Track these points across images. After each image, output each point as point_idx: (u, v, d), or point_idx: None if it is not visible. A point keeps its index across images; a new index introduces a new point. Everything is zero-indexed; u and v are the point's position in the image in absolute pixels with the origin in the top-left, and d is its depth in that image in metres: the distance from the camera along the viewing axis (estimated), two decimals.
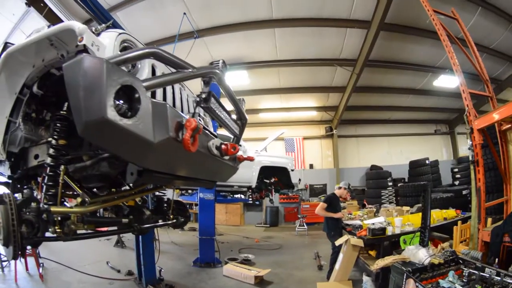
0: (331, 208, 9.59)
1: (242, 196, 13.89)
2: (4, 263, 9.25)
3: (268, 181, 13.14)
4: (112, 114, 2.32)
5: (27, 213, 3.12)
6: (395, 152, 25.27)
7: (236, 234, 18.48)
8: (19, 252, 2.99)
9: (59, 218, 3.33)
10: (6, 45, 4.69)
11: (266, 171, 12.48)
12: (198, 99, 3.67)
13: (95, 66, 2.36)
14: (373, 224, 8.88)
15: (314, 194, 24.50)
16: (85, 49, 2.91)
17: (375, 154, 25.19)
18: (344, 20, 14.59)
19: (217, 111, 3.99)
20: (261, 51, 16.89)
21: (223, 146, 3.99)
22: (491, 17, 14.07)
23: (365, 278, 8.00)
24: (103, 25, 3.24)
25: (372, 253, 9.29)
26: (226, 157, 4.27)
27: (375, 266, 6.94)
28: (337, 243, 8.68)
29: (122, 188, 4.67)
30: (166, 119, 2.90)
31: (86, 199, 3.50)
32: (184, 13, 12.86)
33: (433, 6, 10.31)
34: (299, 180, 14.10)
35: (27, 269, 9.18)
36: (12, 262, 9.27)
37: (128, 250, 13.05)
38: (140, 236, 8.68)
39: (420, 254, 6.28)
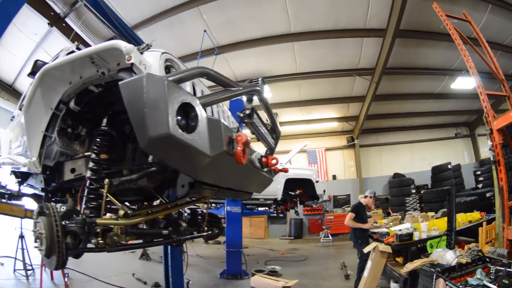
0: (358, 218, 9.59)
1: (267, 209, 13.95)
2: (29, 272, 9.32)
3: (293, 193, 13.20)
4: (175, 129, 2.47)
5: (72, 225, 3.25)
6: (417, 159, 24.90)
7: (261, 247, 18.45)
8: (62, 263, 3.08)
9: (98, 230, 3.38)
10: (36, 62, 4.94)
11: (291, 184, 12.53)
12: (242, 114, 3.88)
13: (158, 84, 2.53)
14: (400, 230, 8.88)
15: (338, 205, 24.33)
16: (128, 68, 3.12)
17: (398, 162, 24.93)
18: (360, 30, 14.75)
19: (258, 126, 4.17)
20: (281, 65, 17.14)
21: (263, 159, 4.13)
22: (502, 13, 13.96)
23: (393, 285, 8.03)
24: (144, 44, 3.39)
25: (399, 259, 9.24)
26: (265, 169, 4.39)
27: (405, 269, 6.98)
28: (366, 250, 8.68)
29: (154, 202, 4.82)
30: (220, 134, 3.06)
31: (129, 211, 3.61)
32: (205, 31, 13.10)
33: (445, 8, 10.45)
34: (324, 191, 14.13)
35: (52, 278, 9.26)
36: (37, 270, 9.46)
37: (153, 263, 13.23)
38: (169, 249, 8.78)
39: (448, 256, 6.31)
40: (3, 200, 5.82)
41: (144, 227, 4.62)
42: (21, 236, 9.44)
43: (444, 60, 17.02)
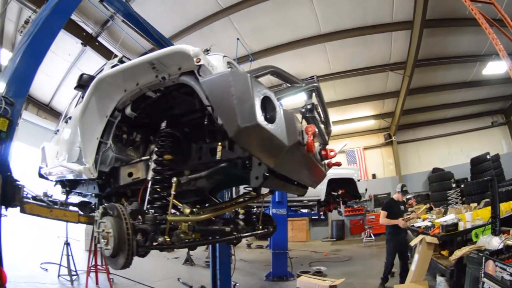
0: (391, 214, 9.61)
1: (311, 210, 14.04)
2: (74, 277, 9.52)
3: (335, 193, 13.29)
4: (261, 120, 2.75)
5: (140, 223, 3.40)
6: (455, 152, 24.36)
7: (304, 250, 18.41)
8: (129, 261, 3.23)
9: (164, 228, 3.50)
10: (82, 76, 5.15)
11: (333, 184, 12.67)
12: (303, 109, 4.12)
13: (243, 79, 2.82)
14: (445, 221, 8.83)
15: (378, 204, 23.84)
16: (190, 72, 3.30)
17: (436, 156, 24.46)
18: (388, 24, 14.71)
19: (317, 121, 4.34)
20: (315, 66, 17.19)
21: (323, 152, 4.33)
22: None
23: (438, 278, 7.94)
24: (204, 48, 3.50)
25: (445, 253, 9.14)
26: (323, 162, 4.55)
27: (453, 256, 6.92)
28: (412, 243, 8.67)
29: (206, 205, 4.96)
30: (294, 125, 3.29)
31: (194, 209, 3.72)
32: (238, 38, 13.33)
33: None
34: (366, 189, 14.13)
35: (97, 283, 9.45)
36: (83, 275, 9.71)
37: (197, 268, 13.43)
38: (217, 252, 8.92)
39: (494, 242, 6.25)
40: (56, 206, 6.02)
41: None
42: (67, 243, 9.72)
43: (473, 46, 16.62)
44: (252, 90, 2.78)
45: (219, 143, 3.78)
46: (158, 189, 3.76)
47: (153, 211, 3.62)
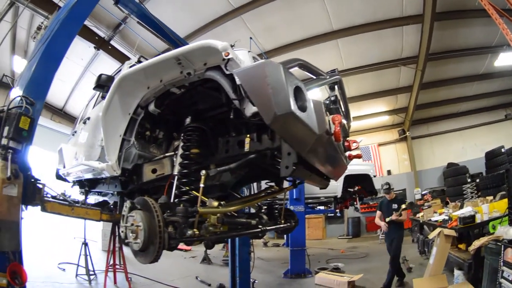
0: (384, 214, 9.79)
1: (328, 207, 14.14)
2: (91, 277, 9.59)
3: (352, 189, 13.35)
4: (295, 108, 2.83)
5: (171, 216, 3.44)
6: (469, 146, 24.06)
7: (321, 247, 18.46)
8: (159, 254, 3.27)
9: (194, 221, 3.54)
10: (101, 76, 5.23)
11: (349, 180, 12.67)
12: (327, 101, 4.27)
13: (277, 69, 2.91)
14: (462, 214, 8.82)
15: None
16: (216, 67, 3.41)
17: (450, 151, 24.23)
18: (398, 18, 14.68)
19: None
20: (328, 63, 16.80)
21: (346, 142, 4.42)
22: None
23: (456, 272, 7.91)
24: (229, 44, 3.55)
25: (462, 246, 9.13)
26: (345, 153, 4.62)
27: (472, 247, 6.93)
28: (430, 236, 8.68)
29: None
30: (323, 114, 3.35)
31: (222, 202, 3.78)
32: (251, 38, 13.45)
33: None
34: (381, 185, 14.17)
35: (115, 282, 9.49)
36: (101, 275, 9.77)
37: (215, 266, 13.49)
38: (237, 249, 8.99)
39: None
40: (77, 204, 6.10)
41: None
42: (85, 243, 9.84)
43: (484, 37, 16.45)
44: (285, 80, 2.88)
45: (247, 135, 3.79)
46: (185, 184, 3.80)
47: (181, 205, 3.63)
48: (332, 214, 23.02)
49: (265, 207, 5.92)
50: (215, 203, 3.66)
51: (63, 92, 19.55)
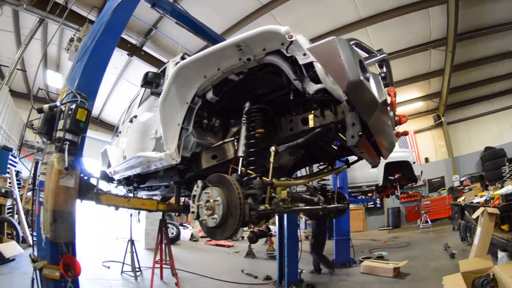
0: None
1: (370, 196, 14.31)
2: (137, 273, 9.71)
3: (392, 177, 13.33)
4: (362, 77, 3.19)
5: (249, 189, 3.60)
6: (505, 129, 23.25)
7: (362, 238, 18.39)
8: (238, 228, 3.34)
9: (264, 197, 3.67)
10: (147, 73, 5.41)
11: (390, 168, 12.72)
12: (379, 78, 4.35)
13: (346, 44, 3.31)
14: (505, 191, 8.75)
15: (433, 189, 23.74)
16: (276, 51, 3.61)
17: (486, 135, 23.55)
18: (423, 0, 14.47)
19: None
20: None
21: (396, 117, 4.55)
22: None
23: (500, 254, 7.81)
24: None
25: (504, 227, 9.04)
26: (396, 128, 4.82)
27: None
28: (474, 215, 8.62)
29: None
30: (380, 85, 3.82)
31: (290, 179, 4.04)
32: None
33: None
34: (421, 172, 14.08)
35: (161, 277, 9.57)
36: (146, 272, 9.98)
37: (259, 260, 13.61)
38: (286, 238, 9.11)
39: None
40: (130, 195, 6.25)
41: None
42: (131, 240, 10.00)
43: (510, 11, 15.84)
44: (353, 53, 3.28)
45: (312, 112, 4.00)
46: (250, 164, 3.94)
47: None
48: (372, 205, 23.23)
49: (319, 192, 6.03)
50: (283, 179, 3.82)
51: (98, 100, 19.78)
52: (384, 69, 5.01)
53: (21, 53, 14.51)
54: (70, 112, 4.56)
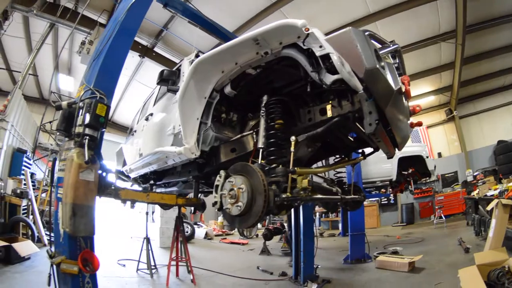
0: None
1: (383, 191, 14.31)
2: (153, 271, 9.75)
3: (406, 172, 13.34)
4: (378, 64, 3.40)
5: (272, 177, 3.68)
6: None
7: (377, 234, 18.34)
8: (264, 214, 3.41)
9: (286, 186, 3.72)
10: (163, 71, 5.53)
11: (403, 163, 12.77)
12: (394, 67, 4.47)
13: (361, 35, 3.51)
14: None
15: (446, 184, 23.52)
16: (292, 44, 3.66)
17: (499, 128, 23.17)
18: None
19: None
20: None
21: (410, 107, 4.73)
22: None
23: None
24: None
25: None
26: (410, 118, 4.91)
27: None
28: (489, 207, 8.60)
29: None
30: (395, 74, 3.99)
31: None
32: None
33: None
34: (435, 166, 14.07)
35: (177, 275, 9.55)
36: (161, 269, 10.05)
37: (274, 257, 13.63)
38: (302, 234, 9.18)
39: None
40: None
41: None
42: (147, 238, 10.08)
43: None
44: (368, 42, 3.47)
45: (330, 102, 4.06)
46: (270, 154, 4.02)
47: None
48: (386, 201, 23.19)
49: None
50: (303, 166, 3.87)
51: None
52: (397, 60, 4.97)
53: (33, 58, 14.75)
54: (89, 107, 4.62)
